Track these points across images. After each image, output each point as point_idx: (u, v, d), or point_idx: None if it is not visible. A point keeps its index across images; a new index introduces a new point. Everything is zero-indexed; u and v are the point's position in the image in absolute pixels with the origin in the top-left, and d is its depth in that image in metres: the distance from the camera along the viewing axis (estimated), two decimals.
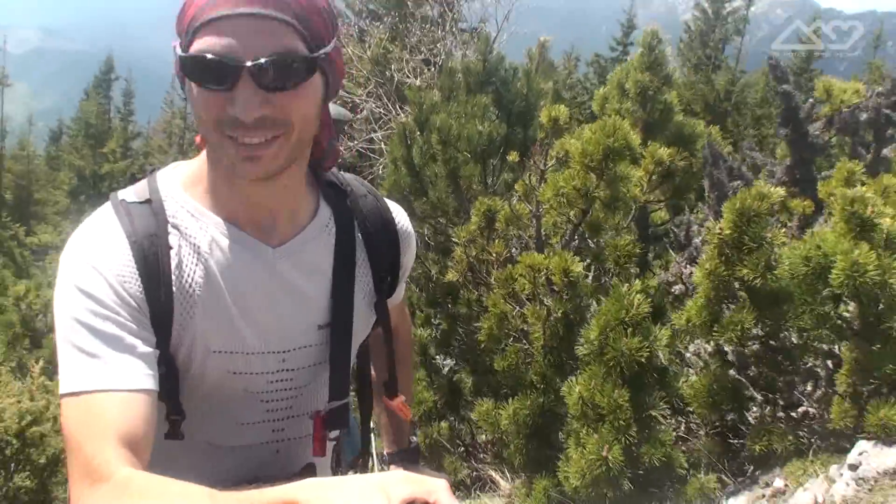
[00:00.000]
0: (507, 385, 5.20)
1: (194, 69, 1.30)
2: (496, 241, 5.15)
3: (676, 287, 4.88)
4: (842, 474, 3.43)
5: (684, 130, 5.71)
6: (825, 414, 3.77)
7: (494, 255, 5.06)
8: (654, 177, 5.00)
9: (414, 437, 2.13)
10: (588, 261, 4.72)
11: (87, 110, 38.73)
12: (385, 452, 2.05)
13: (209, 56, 1.27)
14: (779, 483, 3.75)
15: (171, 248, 1.42)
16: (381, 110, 14.58)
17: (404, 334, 2.11)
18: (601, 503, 4.00)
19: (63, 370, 1.31)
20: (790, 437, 3.82)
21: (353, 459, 2.18)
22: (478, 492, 5.64)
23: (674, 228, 5.94)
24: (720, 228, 3.79)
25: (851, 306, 3.60)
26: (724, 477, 4.12)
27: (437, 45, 13.24)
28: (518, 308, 4.86)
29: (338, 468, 2.29)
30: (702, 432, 4.40)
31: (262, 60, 1.27)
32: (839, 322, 3.62)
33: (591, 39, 41.28)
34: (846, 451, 3.55)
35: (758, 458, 3.97)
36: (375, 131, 14.44)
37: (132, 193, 1.47)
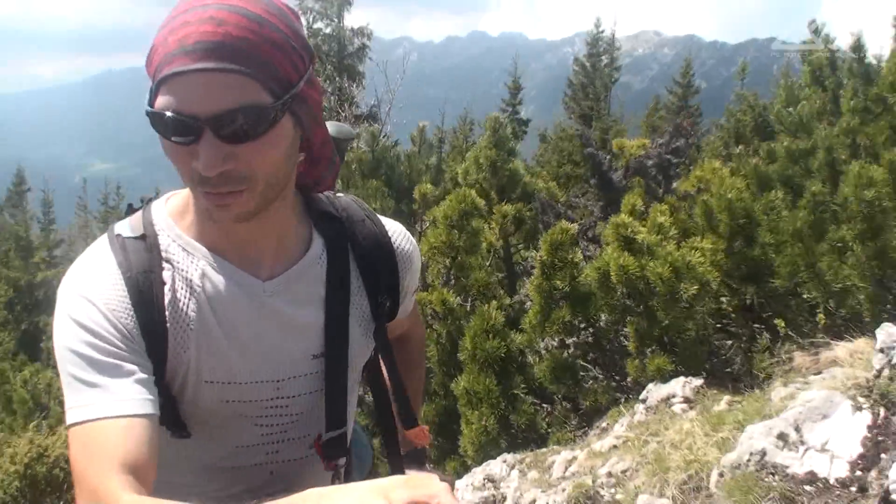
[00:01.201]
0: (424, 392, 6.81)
1: (158, 125, 1.29)
2: None
3: (528, 303, 6.60)
4: (638, 407, 5.14)
5: (528, 188, 7.52)
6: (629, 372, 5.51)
7: None
8: (505, 226, 6.78)
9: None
10: (459, 293, 6.44)
11: (11, 226, 39.26)
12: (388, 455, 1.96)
13: (168, 114, 1.26)
14: (604, 424, 5.44)
15: (164, 283, 1.44)
16: None
17: (418, 338, 2.12)
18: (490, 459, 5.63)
19: (67, 402, 1.33)
20: (609, 394, 5.56)
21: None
22: None
23: (524, 261, 7.69)
24: (541, 255, 5.55)
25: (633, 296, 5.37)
26: (574, 433, 5.78)
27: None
28: None
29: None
30: (557, 403, 6.08)
31: (221, 114, 1.24)
32: (628, 305, 5.38)
33: (489, 95, 43.13)
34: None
35: (591, 412, 5.67)
36: None
37: (128, 227, 1.48)
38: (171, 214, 1.51)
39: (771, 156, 6.64)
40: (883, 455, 2.96)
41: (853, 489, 2.96)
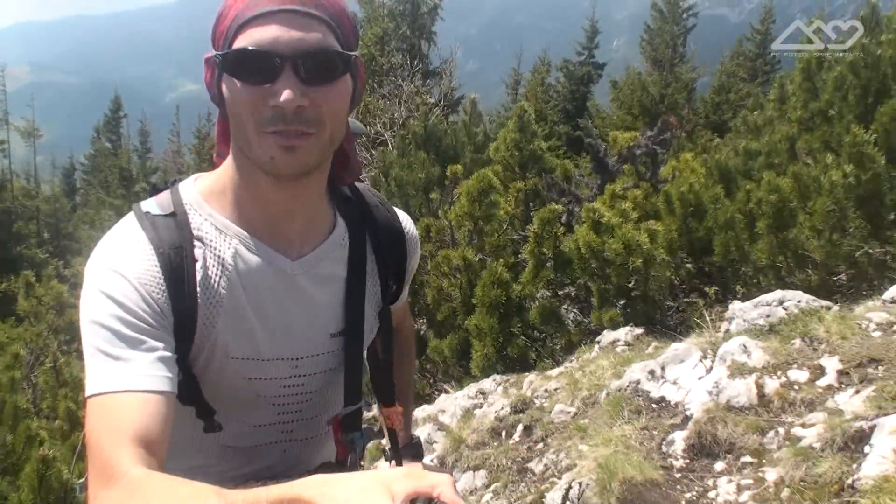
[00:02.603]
0: (445, 328, 8.68)
1: (236, 64, 1.35)
2: (430, 243, 8.69)
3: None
4: (595, 347, 6.89)
5: (546, 164, 9.23)
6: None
7: (429, 253, 8.59)
8: (519, 198, 8.56)
9: (416, 434, 2.15)
10: (478, 252, 8.26)
11: (111, 153, 41.30)
12: (388, 447, 2.06)
13: (252, 48, 1.32)
14: (572, 358, 7.22)
15: (196, 260, 1.47)
16: (362, 158, 17.89)
17: (408, 330, 2.22)
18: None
19: (87, 373, 1.34)
20: (579, 335, 7.34)
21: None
22: (437, 394, 9.08)
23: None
24: (534, 228, 7.31)
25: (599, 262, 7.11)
26: (549, 359, 7.58)
27: (402, 95, 16.37)
28: (445, 281, 8.38)
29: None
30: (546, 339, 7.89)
31: (304, 53, 1.33)
32: (594, 270, 7.12)
33: (579, 26, 42.89)
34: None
35: (567, 348, 7.46)
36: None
37: (156, 206, 1.51)
38: (202, 194, 1.55)
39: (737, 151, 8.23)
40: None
41: (680, 409, 4.71)
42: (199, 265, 1.48)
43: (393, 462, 2.08)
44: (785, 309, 5.05)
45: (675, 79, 29.94)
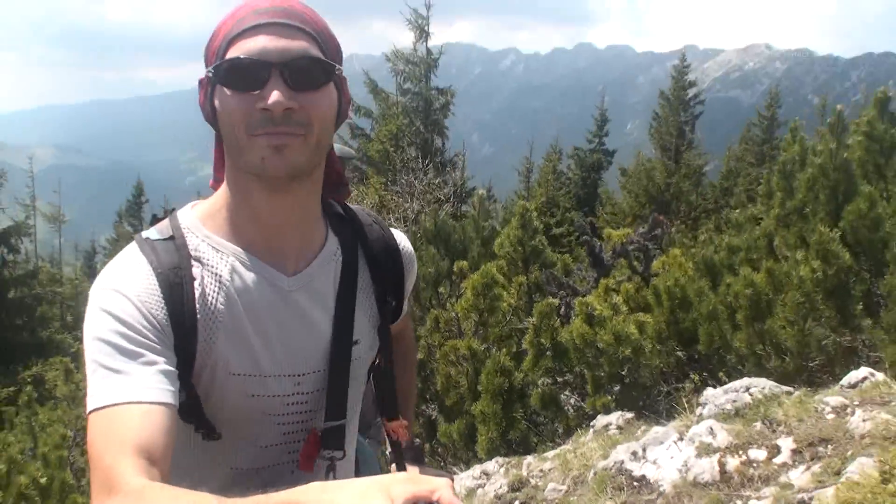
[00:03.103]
0: (454, 413, 9.26)
1: (227, 74, 1.46)
2: (439, 333, 9.34)
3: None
4: (589, 431, 7.45)
5: (548, 259, 9.94)
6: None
7: (438, 342, 9.23)
8: (521, 291, 9.24)
9: (417, 438, 2.19)
10: (483, 342, 8.90)
11: (131, 235, 42.55)
12: (388, 452, 2.06)
13: (242, 57, 1.43)
14: (570, 441, 7.77)
15: (194, 279, 1.53)
16: None
17: (409, 339, 2.28)
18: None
19: (89, 389, 1.37)
20: (577, 419, 7.92)
21: None
22: None
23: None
24: (533, 320, 7.95)
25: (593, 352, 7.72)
26: (550, 443, 8.13)
27: (414, 192, 17.17)
28: (453, 368, 9.00)
29: None
30: (547, 423, 8.45)
31: (289, 60, 1.44)
32: (588, 359, 7.73)
33: (593, 108, 43.88)
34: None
35: (566, 432, 8.03)
36: None
37: (155, 232, 1.58)
38: (200, 218, 1.62)
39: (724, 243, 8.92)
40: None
41: (656, 485, 5.27)
42: (196, 283, 1.54)
43: (395, 466, 2.09)
44: (750, 395, 5.65)
45: (684, 165, 30.77)
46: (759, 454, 4.87)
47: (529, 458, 7.04)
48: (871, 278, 7.34)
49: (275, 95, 1.42)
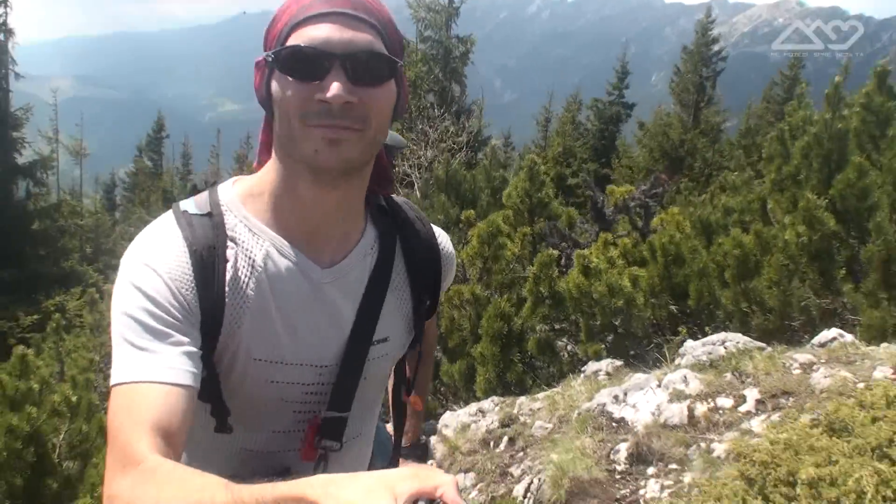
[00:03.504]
0: (455, 354, 9.75)
1: (288, 61, 1.42)
2: None
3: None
4: (580, 376, 7.92)
5: (554, 212, 10.34)
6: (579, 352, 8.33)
7: None
8: (526, 241, 9.67)
9: (423, 436, 2.38)
10: (486, 288, 9.36)
11: (156, 176, 42.83)
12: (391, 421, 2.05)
13: (304, 46, 1.40)
14: (561, 385, 8.25)
15: (227, 260, 1.51)
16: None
17: (431, 336, 2.33)
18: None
19: (114, 363, 1.39)
20: (570, 364, 8.39)
21: None
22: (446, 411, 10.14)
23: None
24: (532, 270, 8.39)
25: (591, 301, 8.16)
26: (545, 386, 8.61)
27: (429, 139, 17.53)
28: (456, 312, 9.47)
29: None
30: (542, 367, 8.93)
31: (353, 53, 1.40)
32: (583, 308, 8.17)
33: (612, 63, 43.59)
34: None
35: (560, 376, 8.50)
36: None
37: (193, 205, 1.56)
38: (240, 196, 1.59)
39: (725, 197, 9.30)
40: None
41: (631, 426, 5.74)
42: (229, 265, 1.51)
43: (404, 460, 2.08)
44: (725, 348, 6.09)
45: (703, 122, 30.82)
46: (726, 402, 5.32)
47: (522, 399, 7.51)
48: (857, 245, 7.71)
49: (335, 88, 1.39)
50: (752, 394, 5.31)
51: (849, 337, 6.13)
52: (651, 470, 4.99)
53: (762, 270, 7.59)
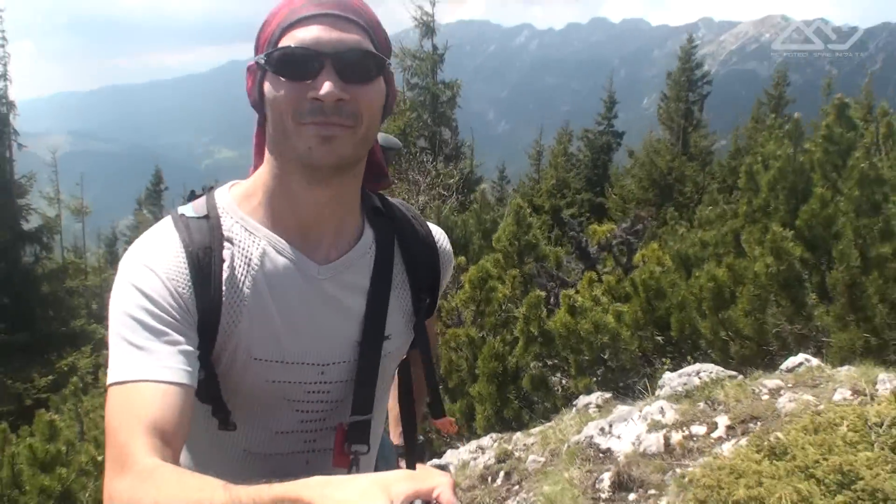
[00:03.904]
0: (456, 394, 10.21)
1: (280, 62, 1.45)
2: (441, 321, 10.29)
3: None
4: (572, 410, 8.36)
5: (541, 253, 10.85)
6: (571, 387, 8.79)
7: (440, 330, 10.17)
8: (515, 284, 10.17)
9: (420, 436, 2.24)
10: (480, 330, 9.85)
11: (151, 222, 43.49)
12: (393, 444, 2.05)
13: (296, 46, 1.44)
14: (555, 419, 8.69)
15: (224, 260, 1.52)
16: None
17: (432, 337, 2.35)
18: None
19: (111, 362, 1.39)
20: (563, 399, 8.85)
21: None
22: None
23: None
24: (522, 311, 8.88)
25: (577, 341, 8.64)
26: (541, 420, 9.06)
27: (420, 186, 18.03)
28: (454, 354, 9.95)
29: None
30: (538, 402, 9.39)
31: (343, 52, 1.44)
32: (571, 345, 8.64)
33: (603, 88, 44.07)
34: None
35: (554, 410, 8.96)
36: None
37: (191, 209, 1.59)
38: (236, 199, 1.62)
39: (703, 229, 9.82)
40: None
41: (615, 456, 6.19)
42: (226, 265, 1.53)
43: (402, 461, 2.09)
44: (700, 378, 6.56)
45: (691, 146, 31.31)
46: (699, 430, 5.78)
47: (517, 434, 7.96)
48: (826, 271, 8.20)
49: (327, 86, 1.42)
50: (723, 420, 5.77)
51: (815, 361, 6.59)
52: (632, 496, 5.44)
53: (737, 301, 8.07)
